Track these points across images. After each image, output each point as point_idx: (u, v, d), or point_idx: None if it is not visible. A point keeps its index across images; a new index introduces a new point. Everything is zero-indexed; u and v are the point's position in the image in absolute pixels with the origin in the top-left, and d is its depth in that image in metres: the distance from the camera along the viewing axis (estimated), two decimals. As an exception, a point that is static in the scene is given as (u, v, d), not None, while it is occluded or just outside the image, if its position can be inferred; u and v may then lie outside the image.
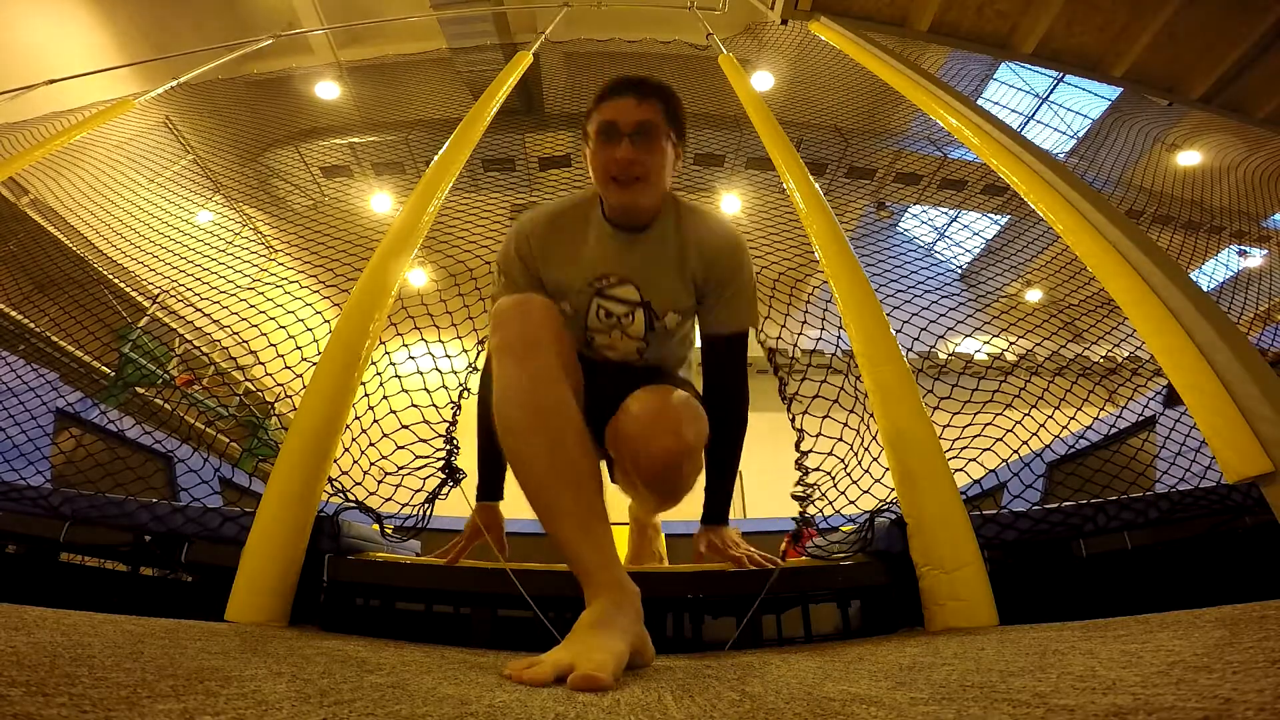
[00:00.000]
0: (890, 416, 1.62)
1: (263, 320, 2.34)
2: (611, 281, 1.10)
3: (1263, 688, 0.41)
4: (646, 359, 1.18)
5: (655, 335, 1.13)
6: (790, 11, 4.17)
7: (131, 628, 0.85)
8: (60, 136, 3.43)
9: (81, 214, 3.35)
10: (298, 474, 1.53)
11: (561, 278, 1.12)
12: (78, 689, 0.42)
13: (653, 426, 0.97)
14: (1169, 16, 3.72)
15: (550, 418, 0.90)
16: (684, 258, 1.09)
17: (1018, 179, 2.25)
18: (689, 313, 1.14)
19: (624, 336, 1.13)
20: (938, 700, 0.50)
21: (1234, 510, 1.47)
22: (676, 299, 1.11)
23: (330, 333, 1.84)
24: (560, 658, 0.70)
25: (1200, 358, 1.50)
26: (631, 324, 1.11)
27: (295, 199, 5.27)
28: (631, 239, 1.09)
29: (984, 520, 1.55)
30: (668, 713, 0.52)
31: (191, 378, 4.31)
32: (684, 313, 1.12)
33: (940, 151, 5.59)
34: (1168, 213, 4.14)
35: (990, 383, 2.10)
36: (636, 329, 1.11)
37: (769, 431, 1.87)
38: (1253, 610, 0.83)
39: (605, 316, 1.11)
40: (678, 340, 1.20)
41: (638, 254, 1.09)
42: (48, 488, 1.69)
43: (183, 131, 4.80)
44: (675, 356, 1.25)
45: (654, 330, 1.12)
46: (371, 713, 0.45)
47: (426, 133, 5.41)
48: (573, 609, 0.86)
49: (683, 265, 1.09)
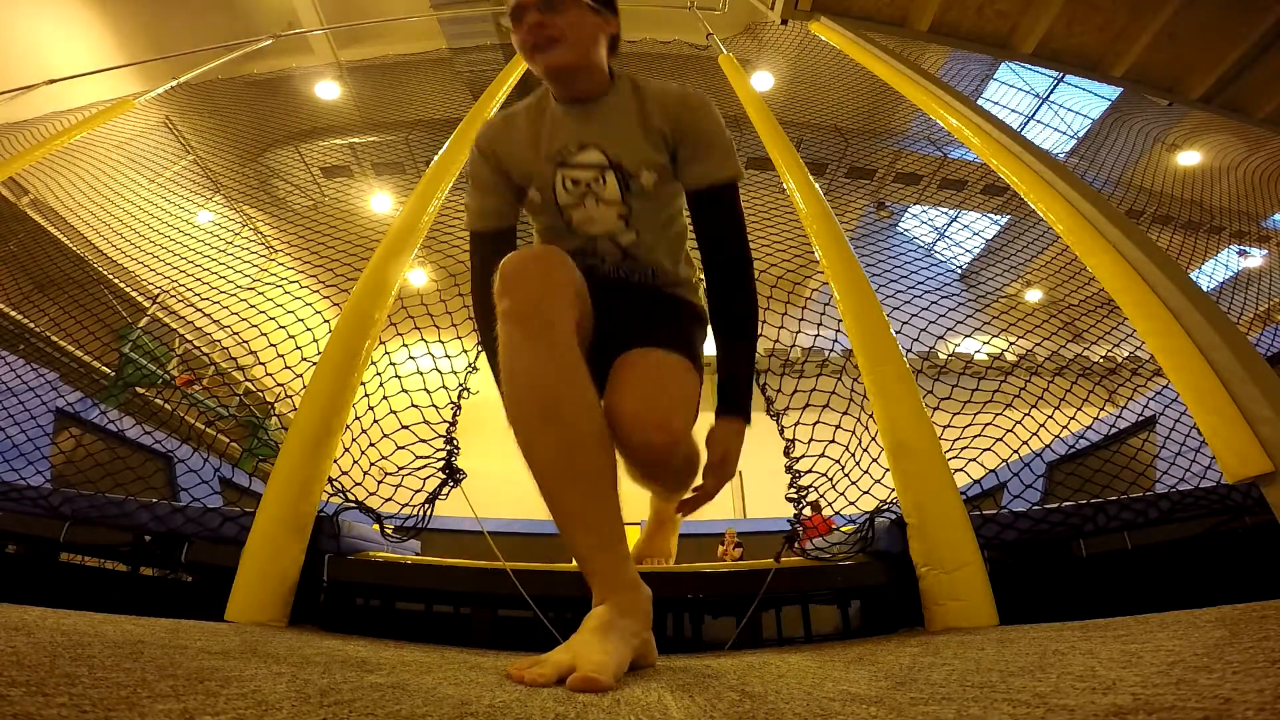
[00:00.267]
0: (890, 416, 1.62)
1: (263, 320, 2.34)
2: (572, 150, 1.06)
3: (1263, 688, 0.41)
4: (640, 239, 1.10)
5: (635, 199, 1.06)
6: (790, 11, 4.17)
7: (131, 628, 0.85)
8: (60, 136, 3.43)
9: (81, 214, 3.35)
10: (298, 474, 1.53)
11: (524, 162, 1.09)
12: (78, 689, 0.42)
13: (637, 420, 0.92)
14: (1169, 16, 3.73)
15: (564, 407, 0.85)
16: (645, 114, 1.06)
17: (1018, 179, 2.25)
18: (665, 172, 1.06)
19: (600, 203, 1.06)
20: (938, 700, 0.50)
21: (1234, 510, 1.47)
22: (646, 155, 1.05)
23: (330, 333, 1.84)
24: (562, 658, 0.70)
25: (1200, 358, 1.50)
26: (604, 188, 1.05)
27: (295, 199, 5.27)
28: (586, 110, 1.06)
29: (984, 520, 1.55)
30: (668, 713, 0.52)
31: (191, 378, 4.31)
32: (659, 170, 1.05)
33: (940, 151, 5.59)
34: (1168, 213, 4.14)
35: (990, 383, 2.10)
36: (611, 193, 1.05)
37: (769, 431, 1.87)
38: (1253, 610, 0.83)
39: (573, 185, 1.06)
40: (666, 218, 1.12)
41: (596, 121, 1.05)
42: (48, 488, 1.69)
43: (183, 131, 4.80)
44: (668, 243, 1.15)
45: (631, 192, 1.05)
46: (371, 713, 0.45)
47: (426, 133, 5.41)
48: (573, 609, 0.86)
49: (646, 122, 1.05)
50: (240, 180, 4.90)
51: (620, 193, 1.05)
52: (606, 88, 1.07)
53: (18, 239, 3.93)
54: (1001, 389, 2.06)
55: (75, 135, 3.52)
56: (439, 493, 1.73)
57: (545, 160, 1.07)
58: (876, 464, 1.70)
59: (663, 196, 1.08)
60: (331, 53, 6.97)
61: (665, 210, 1.11)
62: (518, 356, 0.87)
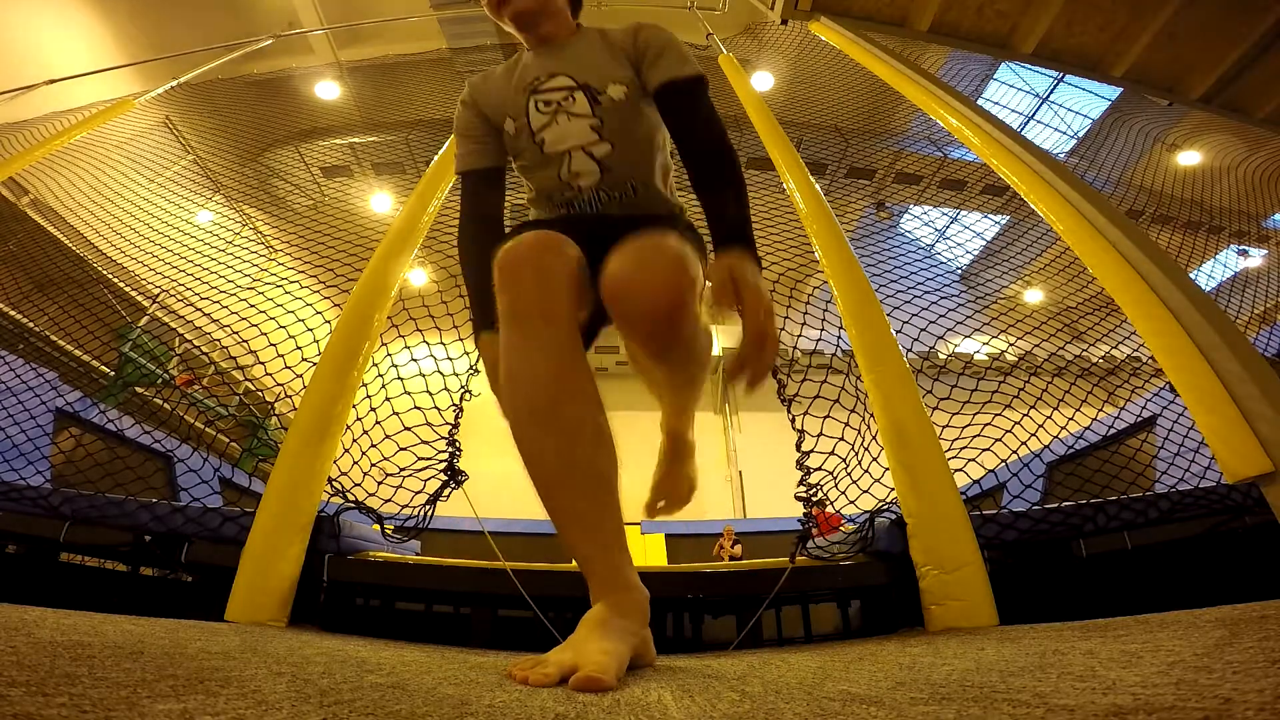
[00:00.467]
0: (890, 416, 1.62)
1: (263, 320, 2.34)
2: (542, 79, 1.12)
3: (1263, 688, 0.41)
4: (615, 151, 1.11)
5: (605, 112, 1.09)
6: (790, 11, 4.17)
7: (131, 628, 0.85)
8: (60, 136, 3.43)
9: (81, 214, 3.35)
10: (298, 474, 1.53)
11: (502, 102, 1.16)
12: (78, 689, 0.42)
13: (633, 281, 0.86)
14: (1169, 16, 3.73)
15: (563, 407, 0.85)
16: (609, 43, 1.14)
17: (1018, 179, 2.25)
18: (633, 85, 1.10)
19: (571, 118, 1.10)
20: (938, 700, 0.50)
21: (1234, 510, 1.47)
22: (611, 71, 1.11)
23: (330, 333, 1.84)
24: (564, 658, 0.70)
25: (1200, 358, 1.50)
26: (574, 103, 1.10)
27: (295, 199, 5.27)
28: (554, 49, 1.15)
29: (984, 520, 1.55)
30: (668, 713, 0.52)
31: (191, 378, 4.31)
32: (625, 83, 1.10)
33: (940, 151, 5.59)
34: (1167, 213, 4.14)
35: (990, 383, 2.10)
36: (581, 106, 1.10)
37: (769, 431, 1.87)
38: (1253, 610, 0.83)
39: (544, 106, 1.11)
40: (644, 135, 1.13)
41: (565, 56, 1.14)
42: (48, 488, 1.70)
43: (183, 131, 4.80)
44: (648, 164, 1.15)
45: (600, 104, 1.09)
46: (371, 713, 0.45)
47: (426, 133, 5.41)
48: (573, 609, 0.86)
49: (610, 48, 1.14)
50: (240, 180, 4.90)
51: (590, 106, 1.10)
52: (573, 32, 1.18)
53: (17, 239, 3.92)
54: (1001, 389, 2.05)
55: (75, 135, 3.52)
56: (440, 494, 1.73)
57: (519, 92, 1.14)
58: (876, 463, 1.70)
59: (633, 108, 1.11)
60: (331, 53, 6.97)
61: (640, 125, 1.12)
62: (516, 357, 0.87)
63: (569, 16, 1.18)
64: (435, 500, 1.73)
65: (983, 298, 3.19)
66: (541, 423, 0.85)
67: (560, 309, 0.89)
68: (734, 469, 8.46)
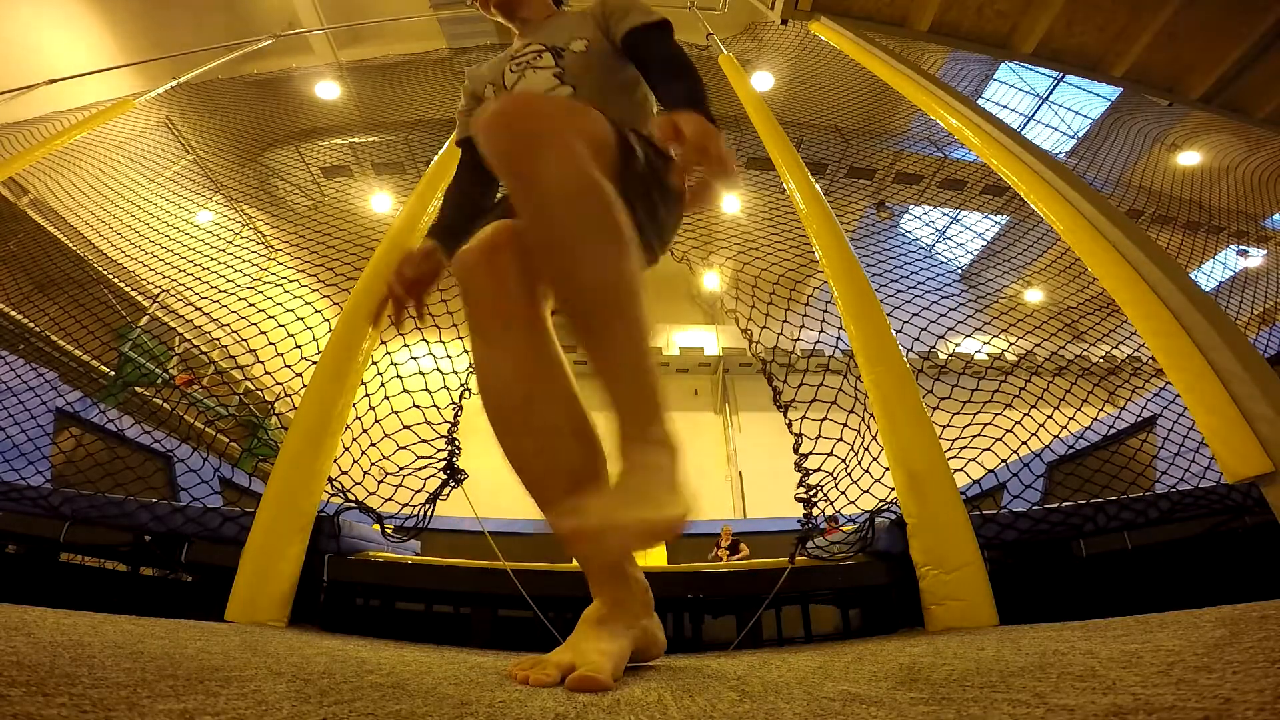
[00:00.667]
0: (890, 416, 1.62)
1: (263, 320, 2.34)
2: (519, 49, 1.22)
3: (1263, 688, 0.41)
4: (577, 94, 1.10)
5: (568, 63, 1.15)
6: (790, 11, 4.17)
7: (131, 628, 0.85)
8: (60, 136, 3.43)
9: (81, 214, 3.35)
10: (298, 474, 1.53)
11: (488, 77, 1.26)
12: (78, 689, 0.42)
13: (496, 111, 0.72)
14: (1169, 16, 3.73)
15: (536, 408, 0.86)
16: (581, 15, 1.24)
17: (1018, 179, 2.25)
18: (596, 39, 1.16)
19: (536, 71, 1.16)
20: (938, 700, 0.50)
21: (1234, 510, 1.47)
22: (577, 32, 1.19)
23: (330, 332, 1.84)
24: (563, 658, 0.71)
25: (1200, 358, 1.50)
26: (540, 60, 1.18)
27: (295, 199, 5.27)
28: (535, 28, 1.26)
29: (984, 520, 1.55)
30: (667, 713, 0.52)
31: (191, 378, 4.31)
32: (588, 38, 1.17)
33: (940, 152, 5.59)
34: (1167, 213, 4.14)
35: (990, 383, 2.10)
36: (545, 61, 1.17)
37: (769, 431, 1.87)
38: (1253, 610, 0.83)
39: (516, 67, 1.20)
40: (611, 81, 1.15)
41: (542, 30, 1.24)
42: (48, 488, 1.69)
43: (183, 131, 4.80)
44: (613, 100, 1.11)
45: (563, 58, 1.15)
46: (371, 713, 0.45)
47: (426, 133, 5.41)
48: (573, 609, 0.86)
49: (581, 17, 1.23)
50: (240, 180, 4.90)
51: (554, 60, 1.17)
52: (552, 12, 1.31)
53: (18, 239, 3.92)
54: (1001, 389, 2.05)
55: (75, 135, 3.52)
56: (440, 493, 1.73)
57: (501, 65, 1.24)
58: (876, 463, 1.70)
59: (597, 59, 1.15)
60: (331, 53, 6.97)
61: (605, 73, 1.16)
62: (484, 367, 0.88)
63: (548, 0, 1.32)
64: (435, 500, 1.73)
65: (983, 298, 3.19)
66: (518, 428, 0.86)
67: (517, 308, 0.88)
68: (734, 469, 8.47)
